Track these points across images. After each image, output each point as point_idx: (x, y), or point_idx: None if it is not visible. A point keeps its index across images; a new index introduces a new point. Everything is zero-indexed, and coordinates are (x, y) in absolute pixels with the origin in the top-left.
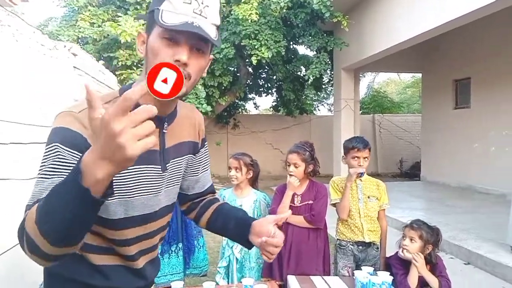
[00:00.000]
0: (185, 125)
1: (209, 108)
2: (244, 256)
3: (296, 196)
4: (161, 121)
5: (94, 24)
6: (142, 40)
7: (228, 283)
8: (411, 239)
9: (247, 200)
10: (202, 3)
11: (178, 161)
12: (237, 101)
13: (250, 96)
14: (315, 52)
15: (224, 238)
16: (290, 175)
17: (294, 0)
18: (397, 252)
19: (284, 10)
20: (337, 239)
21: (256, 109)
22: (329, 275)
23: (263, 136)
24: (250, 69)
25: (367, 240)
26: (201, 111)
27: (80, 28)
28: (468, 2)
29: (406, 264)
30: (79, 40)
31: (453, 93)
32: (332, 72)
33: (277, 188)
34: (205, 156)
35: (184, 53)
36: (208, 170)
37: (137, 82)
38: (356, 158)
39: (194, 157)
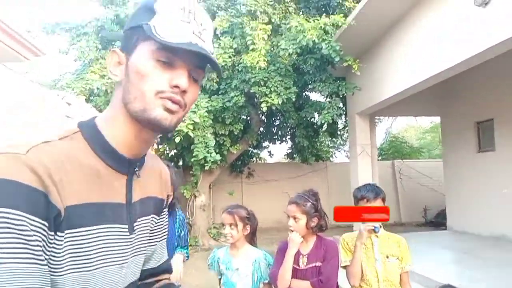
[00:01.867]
0: (151, 176)
1: (218, 157)
2: None
3: (301, 256)
4: (132, 165)
5: (105, 76)
6: (118, 61)
7: None
8: None
9: (245, 260)
10: (201, 25)
11: (145, 221)
12: (251, 149)
13: (264, 144)
14: (327, 98)
15: None
16: (291, 230)
17: (303, 47)
18: None
19: (293, 57)
20: None
21: (271, 157)
22: None
23: (279, 185)
24: (262, 117)
25: None
26: (210, 160)
27: (88, 80)
28: (487, 36)
29: None
30: (89, 92)
31: (475, 136)
32: (347, 118)
33: (279, 247)
34: (166, 220)
35: (184, 77)
36: (165, 240)
37: (106, 112)
38: None
39: (157, 218)
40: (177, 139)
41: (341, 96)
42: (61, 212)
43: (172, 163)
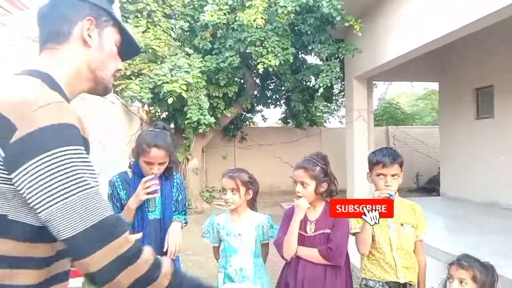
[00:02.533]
0: None
1: (212, 120)
2: None
3: (308, 223)
4: None
5: None
6: (92, 29)
7: None
8: (461, 282)
9: (248, 226)
10: None
11: None
12: (244, 113)
13: (257, 108)
14: (325, 61)
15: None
16: (298, 196)
17: (303, 5)
18: None
19: (292, 15)
20: (363, 277)
21: (264, 121)
22: None
23: (272, 150)
24: (257, 80)
25: (402, 281)
26: (204, 123)
27: None
28: (491, 2)
29: None
30: None
31: (474, 102)
32: (343, 82)
33: (285, 213)
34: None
35: (120, 62)
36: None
37: (65, 68)
38: (381, 176)
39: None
40: (170, 100)
41: (339, 59)
42: None
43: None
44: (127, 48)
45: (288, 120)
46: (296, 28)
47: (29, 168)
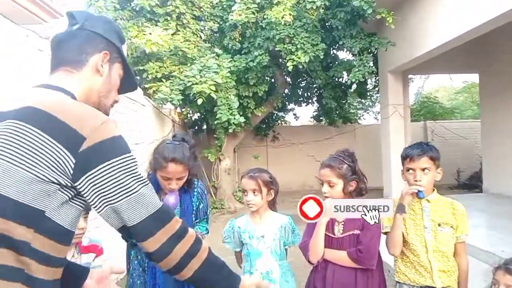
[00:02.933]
0: None
1: (241, 120)
2: None
3: (336, 224)
4: None
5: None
6: (105, 61)
7: None
8: None
9: (271, 227)
10: None
11: None
12: (275, 112)
13: (289, 106)
14: (357, 56)
15: None
16: (325, 197)
17: (332, 0)
18: None
19: (321, 11)
20: (396, 281)
21: (296, 120)
22: None
23: (304, 148)
24: (288, 78)
25: (439, 286)
26: (233, 123)
27: None
28: None
29: None
30: None
31: None
32: (377, 77)
33: None
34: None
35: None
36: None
37: (83, 87)
38: (411, 171)
39: None
40: (199, 101)
41: (372, 53)
42: None
43: (196, 127)
44: (126, 85)
45: (321, 117)
46: (326, 23)
47: (103, 169)
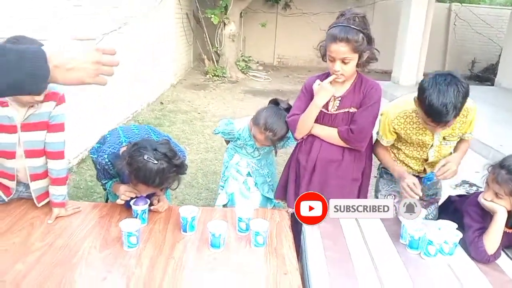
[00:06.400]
0: None
1: None
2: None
3: (332, 98)
4: None
5: None
6: None
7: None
8: (496, 194)
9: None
10: None
11: None
12: None
13: None
14: None
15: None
16: (336, 75)
17: None
18: (476, 195)
19: None
20: (382, 167)
21: None
22: None
23: (317, 20)
24: None
25: (428, 171)
26: None
27: None
28: None
29: (486, 217)
30: None
31: None
32: None
33: (305, 84)
34: None
35: None
36: None
37: None
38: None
39: None
40: None
41: None
42: None
43: None
44: None
45: None
46: None
47: None
